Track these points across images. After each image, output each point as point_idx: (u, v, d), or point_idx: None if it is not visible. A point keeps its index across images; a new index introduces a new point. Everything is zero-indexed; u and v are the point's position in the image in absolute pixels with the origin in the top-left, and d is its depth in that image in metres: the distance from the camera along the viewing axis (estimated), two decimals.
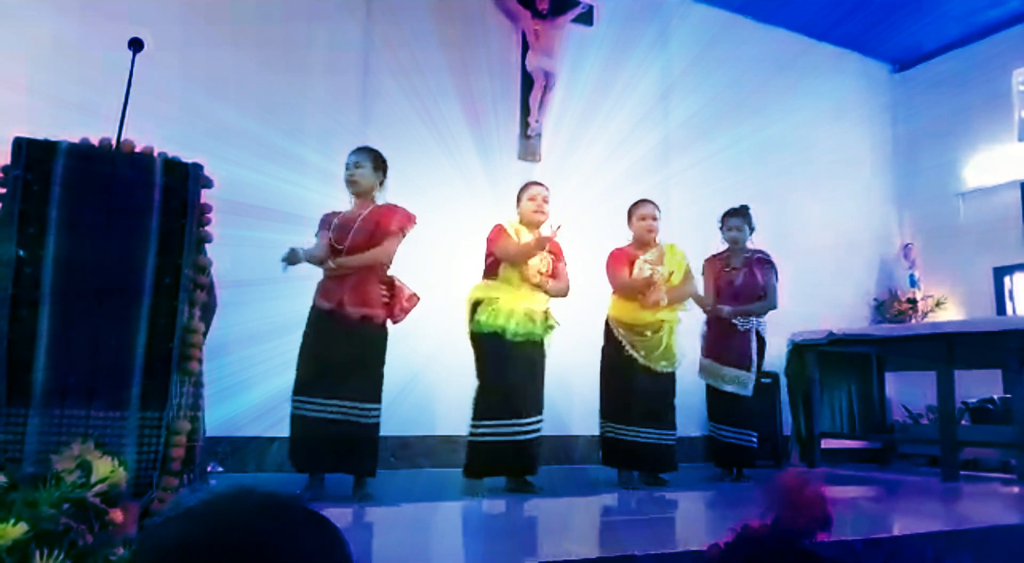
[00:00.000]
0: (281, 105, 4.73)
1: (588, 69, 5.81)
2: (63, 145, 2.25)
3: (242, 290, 3.37)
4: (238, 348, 3.94)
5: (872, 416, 6.48)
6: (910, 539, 2.62)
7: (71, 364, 2.11)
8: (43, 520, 1.53)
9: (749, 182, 6.07)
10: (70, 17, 4.16)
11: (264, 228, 3.90)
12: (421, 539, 2.82)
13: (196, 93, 4.30)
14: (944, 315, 6.79)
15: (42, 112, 3.84)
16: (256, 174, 4.16)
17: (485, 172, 5.34)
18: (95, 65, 3.98)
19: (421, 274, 3.97)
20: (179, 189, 2.34)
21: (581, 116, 5.76)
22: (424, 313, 3.81)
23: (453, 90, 5.34)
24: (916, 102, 7.42)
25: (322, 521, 0.70)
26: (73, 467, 1.69)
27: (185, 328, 2.28)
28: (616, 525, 3.22)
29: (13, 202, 2.17)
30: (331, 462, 3.46)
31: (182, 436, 2.18)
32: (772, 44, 6.79)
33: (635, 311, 4.28)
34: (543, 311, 3.98)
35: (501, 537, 2.78)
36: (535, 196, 4.07)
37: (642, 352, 4.23)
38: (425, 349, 4.49)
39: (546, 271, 3.98)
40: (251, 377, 4.05)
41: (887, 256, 7.31)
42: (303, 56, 4.93)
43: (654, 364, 4.22)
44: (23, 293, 2.12)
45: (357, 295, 3.51)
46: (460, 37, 5.42)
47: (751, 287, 4.77)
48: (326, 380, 3.42)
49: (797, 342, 6.03)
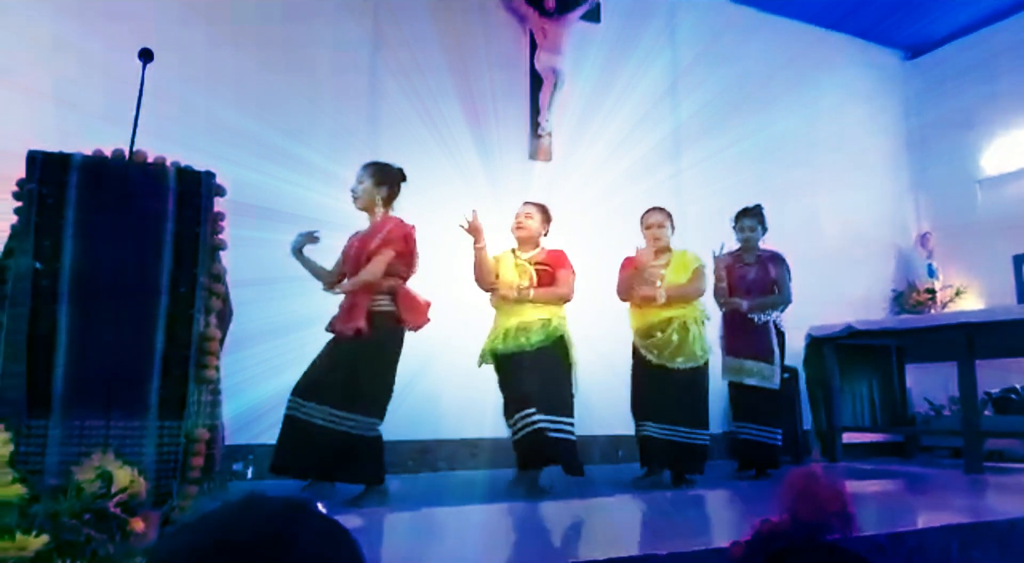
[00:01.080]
0: (284, 105, 4.73)
1: (595, 66, 5.79)
2: (77, 158, 2.27)
3: (243, 290, 3.36)
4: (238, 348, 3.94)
5: (893, 409, 6.42)
6: (935, 532, 2.59)
7: (90, 375, 2.13)
8: (65, 531, 1.55)
9: (761, 176, 6.04)
10: (70, 17, 4.18)
11: (266, 229, 3.91)
12: (429, 542, 2.81)
13: (196, 93, 4.31)
14: (964, 305, 6.71)
15: (43, 112, 3.88)
16: (258, 174, 4.17)
17: (488, 173, 5.33)
18: (95, 65, 4.03)
19: (436, 276, 3.98)
20: (193, 197, 2.36)
21: (589, 113, 5.74)
22: (437, 317, 3.80)
23: (458, 90, 5.32)
24: (929, 90, 7.34)
25: (334, 525, 0.70)
26: (93, 477, 1.70)
27: (201, 336, 2.29)
28: (636, 525, 3.20)
29: (29, 215, 2.19)
30: (311, 467, 3.43)
31: (201, 444, 2.20)
32: (780, 35, 6.74)
33: (643, 314, 4.30)
34: (541, 320, 3.95)
35: (520, 539, 2.78)
36: (518, 214, 4.16)
37: (655, 352, 4.22)
38: (436, 352, 4.48)
39: (529, 283, 4.00)
40: (251, 377, 4.05)
41: (904, 246, 7.24)
42: (306, 56, 4.92)
43: (669, 362, 4.20)
44: (41, 306, 2.15)
45: (348, 315, 3.49)
46: (465, 36, 5.41)
47: (763, 282, 4.77)
48: (322, 387, 3.40)
49: (815, 336, 5.99)
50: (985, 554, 2.62)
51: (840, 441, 5.81)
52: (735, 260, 4.86)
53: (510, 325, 3.95)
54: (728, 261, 4.84)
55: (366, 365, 3.46)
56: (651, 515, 3.35)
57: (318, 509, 0.71)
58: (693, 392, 4.24)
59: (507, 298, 4.00)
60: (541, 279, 4.03)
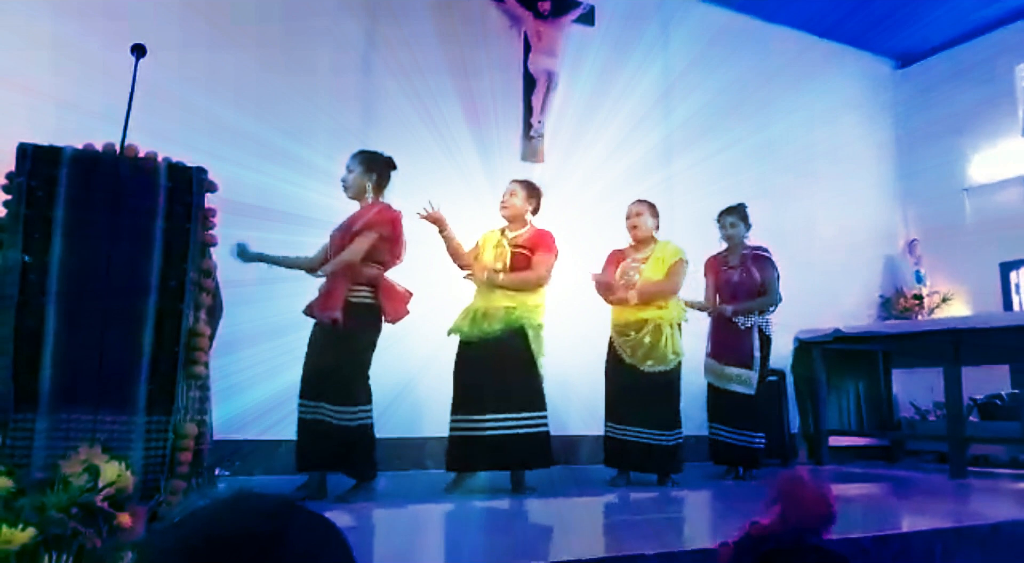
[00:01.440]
0: (282, 105, 4.72)
1: (589, 69, 5.81)
2: (67, 151, 2.26)
3: (241, 290, 3.36)
4: (237, 348, 3.94)
5: (879, 413, 6.46)
6: (919, 536, 2.61)
7: (78, 369, 2.12)
8: (51, 524, 1.54)
9: (751, 180, 6.06)
10: (70, 17, 4.16)
11: (264, 228, 3.89)
12: (419, 539, 2.81)
13: (196, 93, 4.29)
14: (951, 311, 6.76)
15: (42, 112, 3.86)
16: (255, 174, 4.16)
17: (486, 173, 5.33)
18: (95, 65, 4.00)
19: (422, 275, 3.98)
20: (183, 193, 2.35)
21: (583, 116, 5.76)
22: (425, 313, 3.80)
23: (454, 91, 5.33)
24: (919, 99, 7.40)
25: (323, 521, 0.71)
26: (81, 471, 1.70)
27: (191, 331, 2.28)
28: (620, 525, 3.21)
29: (18, 208, 2.18)
30: (323, 462, 3.46)
31: (189, 439, 2.19)
32: (773, 42, 6.78)
33: (621, 311, 4.32)
34: (505, 307, 3.87)
35: (502, 537, 2.78)
36: (504, 193, 4.13)
37: (627, 351, 4.25)
38: (425, 350, 4.47)
39: (501, 267, 3.94)
40: (251, 377, 4.05)
41: (892, 253, 7.29)
42: (304, 56, 4.92)
43: (640, 363, 4.22)
44: (29, 299, 2.13)
45: (325, 300, 3.47)
46: (461, 37, 5.42)
47: (748, 284, 4.75)
48: (311, 382, 3.47)
49: (803, 340, 6.02)
50: (968, 558, 2.65)
51: (826, 444, 5.84)
52: (720, 262, 4.87)
53: (478, 308, 3.92)
54: (715, 265, 4.86)
55: (344, 356, 3.45)
56: (636, 515, 3.36)
57: (307, 506, 0.71)
58: (661, 394, 4.22)
59: (479, 280, 3.97)
60: (516, 263, 3.95)
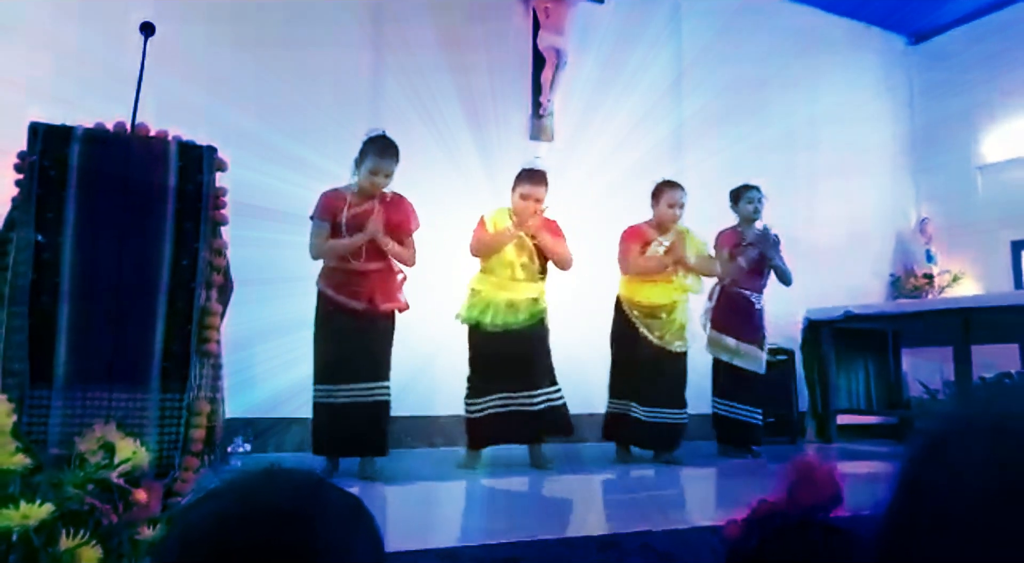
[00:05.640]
0: (282, 105, 4.67)
1: (599, 47, 5.75)
2: (78, 130, 2.26)
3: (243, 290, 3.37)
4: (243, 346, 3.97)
5: (888, 392, 6.46)
6: None
7: (92, 347, 2.14)
8: (68, 500, 1.56)
9: (763, 158, 6.01)
10: (70, 17, 4.15)
11: (266, 229, 3.90)
12: (432, 515, 2.85)
13: (196, 93, 4.25)
14: (961, 290, 6.72)
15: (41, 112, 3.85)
16: (258, 174, 4.12)
17: (496, 153, 5.28)
18: (95, 65, 3.98)
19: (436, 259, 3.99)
20: (194, 172, 2.36)
21: (593, 95, 5.70)
22: (437, 295, 3.82)
23: (462, 70, 5.27)
24: (933, 75, 7.30)
25: (350, 498, 0.72)
26: (96, 448, 1.71)
27: (203, 310, 2.30)
28: (629, 502, 3.24)
29: (31, 187, 2.19)
30: (343, 445, 3.58)
31: (202, 417, 2.21)
32: (785, 19, 6.68)
33: (650, 292, 4.26)
34: (530, 299, 3.96)
35: (516, 513, 2.81)
36: (527, 195, 3.99)
37: (656, 333, 4.23)
38: (435, 335, 4.49)
39: (528, 258, 3.99)
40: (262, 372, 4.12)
41: (903, 231, 7.24)
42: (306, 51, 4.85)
43: (668, 344, 4.22)
44: (43, 278, 2.15)
45: (385, 292, 3.62)
46: (469, 14, 5.37)
47: (762, 262, 4.78)
48: (346, 368, 3.52)
49: (813, 319, 6.01)
50: None
51: (835, 422, 5.85)
52: (737, 237, 4.84)
53: (499, 300, 3.93)
54: (733, 239, 4.82)
55: (383, 339, 3.64)
56: (644, 492, 3.39)
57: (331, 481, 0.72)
58: (681, 373, 4.28)
59: (527, 228, 3.92)
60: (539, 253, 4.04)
